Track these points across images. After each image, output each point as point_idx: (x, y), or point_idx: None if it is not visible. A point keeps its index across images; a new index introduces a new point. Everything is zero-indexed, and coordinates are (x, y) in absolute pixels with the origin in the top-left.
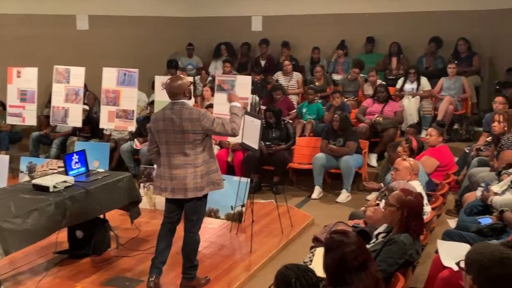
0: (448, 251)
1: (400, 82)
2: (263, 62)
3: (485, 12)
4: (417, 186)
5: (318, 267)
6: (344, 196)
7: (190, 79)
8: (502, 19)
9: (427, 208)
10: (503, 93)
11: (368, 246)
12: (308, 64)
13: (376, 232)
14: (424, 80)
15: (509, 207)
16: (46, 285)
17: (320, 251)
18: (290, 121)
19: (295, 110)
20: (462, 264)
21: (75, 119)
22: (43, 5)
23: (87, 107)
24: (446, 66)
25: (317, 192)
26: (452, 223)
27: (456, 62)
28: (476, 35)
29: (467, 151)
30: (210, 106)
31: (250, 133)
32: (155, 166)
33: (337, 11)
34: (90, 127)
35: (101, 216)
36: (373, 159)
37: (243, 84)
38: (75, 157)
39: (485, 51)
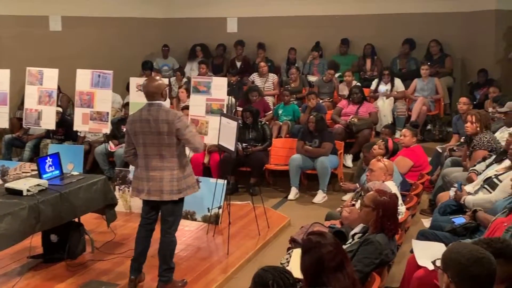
0: (423, 251)
1: (374, 83)
2: (238, 64)
3: (457, 14)
4: (392, 186)
5: (295, 268)
6: (320, 196)
7: (166, 80)
8: (474, 21)
9: (402, 208)
10: (474, 94)
11: (344, 246)
12: (284, 64)
13: (352, 233)
14: (398, 82)
15: (481, 206)
16: None
17: (297, 252)
18: (267, 123)
19: (271, 112)
20: (438, 263)
21: (49, 122)
22: (15, 6)
23: (60, 109)
24: (419, 67)
25: (293, 193)
26: (427, 222)
27: (429, 63)
28: (448, 36)
29: (439, 150)
30: (186, 108)
31: (226, 134)
32: (130, 168)
33: (312, 13)
34: (64, 130)
35: (76, 220)
36: (348, 160)
37: (219, 85)
38: (49, 160)
39: (458, 52)
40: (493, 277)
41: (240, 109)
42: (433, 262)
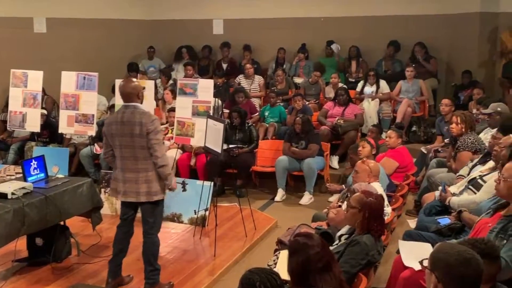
0: (409, 251)
1: (360, 85)
2: (225, 66)
3: (441, 16)
4: (378, 187)
5: (282, 269)
6: (306, 198)
7: (152, 82)
8: (458, 23)
9: (388, 209)
10: (458, 95)
11: (331, 247)
12: (272, 65)
13: (338, 234)
14: (383, 83)
15: (466, 207)
16: None
17: (284, 254)
18: (253, 124)
19: (257, 113)
20: (426, 263)
21: (33, 124)
22: None
23: (45, 112)
24: (404, 69)
25: (280, 194)
26: (412, 223)
27: (414, 65)
28: (433, 38)
29: (424, 151)
30: (172, 110)
31: (212, 136)
32: None
33: (298, 15)
34: (49, 132)
35: (62, 223)
36: (334, 161)
37: (205, 87)
38: (34, 163)
39: (442, 54)
40: (480, 277)
41: (226, 110)
42: (421, 262)
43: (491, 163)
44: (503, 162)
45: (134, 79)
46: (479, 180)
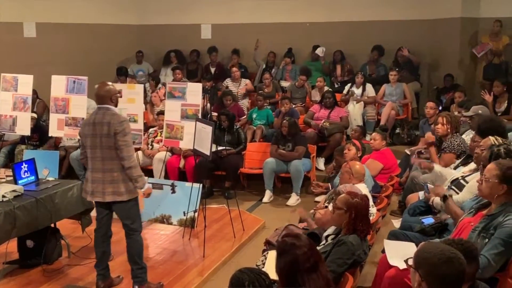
0: (394, 251)
1: (347, 87)
2: (213, 69)
3: (424, 21)
4: (363, 189)
5: (271, 269)
6: (294, 199)
7: (141, 86)
8: (440, 28)
9: (373, 210)
10: (441, 98)
11: (318, 248)
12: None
13: (325, 234)
14: (369, 87)
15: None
16: None
17: (272, 254)
18: (241, 127)
19: (245, 116)
20: (411, 262)
21: (23, 128)
22: None
23: (35, 115)
24: (388, 73)
25: (267, 196)
26: (397, 223)
27: (397, 69)
28: (415, 43)
29: (408, 152)
30: (161, 113)
31: (201, 139)
32: None
33: (284, 20)
34: (39, 135)
35: (52, 225)
36: (320, 163)
37: (194, 91)
38: (24, 166)
39: (424, 58)
40: (463, 276)
41: (215, 114)
42: (406, 261)
43: (472, 165)
44: (484, 164)
45: (110, 83)
46: (462, 181)
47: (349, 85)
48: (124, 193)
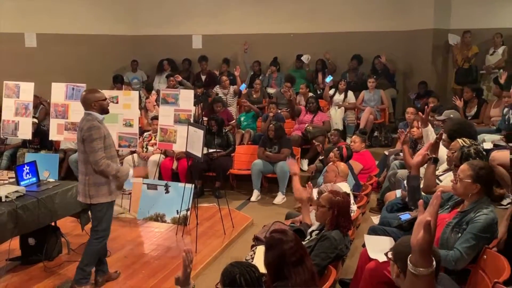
0: (374, 245)
1: (331, 92)
2: (203, 77)
3: (399, 32)
4: (345, 188)
5: (259, 263)
6: (280, 198)
7: (136, 93)
8: (414, 39)
9: (354, 207)
10: (415, 103)
11: (303, 243)
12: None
13: (310, 230)
14: (350, 94)
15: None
16: None
17: (260, 249)
18: (230, 131)
19: (234, 121)
20: (390, 255)
21: (25, 132)
22: None
23: (36, 120)
24: (366, 80)
25: (255, 195)
26: (376, 219)
27: (374, 77)
28: (391, 52)
29: (386, 153)
30: (156, 118)
31: (193, 142)
32: None
33: (270, 31)
34: (39, 139)
35: (53, 224)
36: (304, 164)
37: (186, 97)
38: (26, 168)
39: (400, 66)
40: (438, 267)
41: (205, 118)
42: (386, 254)
43: (445, 165)
44: (456, 164)
45: (98, 90)
46: (436, 180)
47: (333, 90)
48: (93, 196)
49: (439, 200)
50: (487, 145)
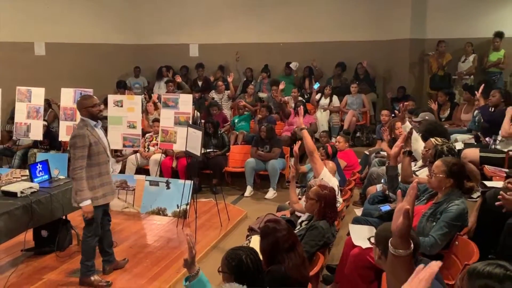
0: (357, 233)
1: (317, 97)
2: (200, 83)
3: (379, 41)
4: (334, 182)
5: None
6: (271, 193)
7: (139, 97)
8: (393, 47)
9: (340, 199)
10: (394, 106)
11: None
12: (242, 81)
13: (299, 221)
14: (335, 98)
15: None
16: (16, 278)
17: (255, 239)
18: (225, 132)
19: (229, 123)
20: (373, 240)
21: (36, 134)
22: (4, 33)
23: (45, 123)
24: (349, 86)
25: (248, 190)
26: (358, 211)
27: (357, 82)
28: (372, 60)
29: (367, 152)
30: (157, 120)
31: (192, 142)
32: None
33: (261, 40)
34: (49, 140)
35: (64, 217)
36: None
37: (186, 101)
38: (39, 166)
39: (380, 72)
40: (417, 250)
41: (203, 121)
42: (369, 239)
43: (421, 162)
44: (430, 160)
45: (92, 96)
46: (412, 171)
47: (319, 94)
48: (74, 200)
49: (415, 190)
50: (459, 145)
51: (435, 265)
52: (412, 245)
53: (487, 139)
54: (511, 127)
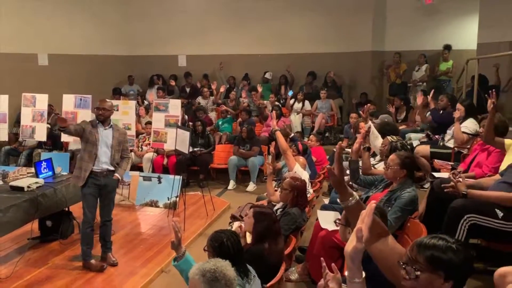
0: (325, 218)
1: (291, 102)
2: (188, 89)
3: (345, 53)
4: (305, 175)
5: None
6: (251, 186)
7: (133, 103)
8: (357, 58)
9: (310, 190)
10: (358, 110)
11: None
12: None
13: (275, 208)
14: (307, 103)
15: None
16: (23, 264)
17: (235, 225)
18: (211, 133)
19: (213, 125)
20: (339, 221)
21: (41, 135)
22: (10, 45)
23: (49, 126)
24: (319, 92)
25: (231, 184)
26: (327, 201)
27: (326, 89)
28: (339, 69)
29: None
30: (149, 123)
31: (181, 141)
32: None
33: (242, 52)
34: (52, 142)
35: (66, 209)
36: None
37: (175, 105)
38: (44, 164)
39: (346, 80)
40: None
41: (190, 123)
42: (335, 221)
43: (379, 157)
44: (387, 155)
45: (100, 100)
46: (371, 165)
47: (293, 100)
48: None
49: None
50: (415, 143)
51: (372, 204)
52: (355, 195)
53: (436, 136)
54: (464, 136)
